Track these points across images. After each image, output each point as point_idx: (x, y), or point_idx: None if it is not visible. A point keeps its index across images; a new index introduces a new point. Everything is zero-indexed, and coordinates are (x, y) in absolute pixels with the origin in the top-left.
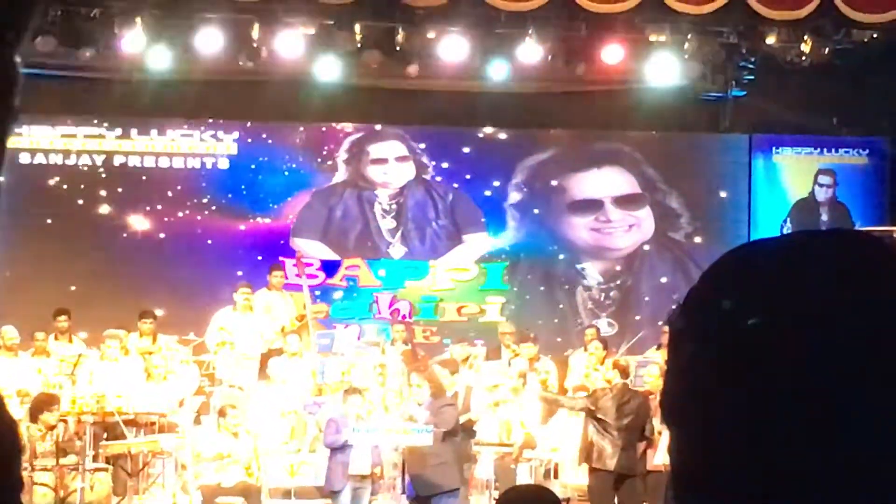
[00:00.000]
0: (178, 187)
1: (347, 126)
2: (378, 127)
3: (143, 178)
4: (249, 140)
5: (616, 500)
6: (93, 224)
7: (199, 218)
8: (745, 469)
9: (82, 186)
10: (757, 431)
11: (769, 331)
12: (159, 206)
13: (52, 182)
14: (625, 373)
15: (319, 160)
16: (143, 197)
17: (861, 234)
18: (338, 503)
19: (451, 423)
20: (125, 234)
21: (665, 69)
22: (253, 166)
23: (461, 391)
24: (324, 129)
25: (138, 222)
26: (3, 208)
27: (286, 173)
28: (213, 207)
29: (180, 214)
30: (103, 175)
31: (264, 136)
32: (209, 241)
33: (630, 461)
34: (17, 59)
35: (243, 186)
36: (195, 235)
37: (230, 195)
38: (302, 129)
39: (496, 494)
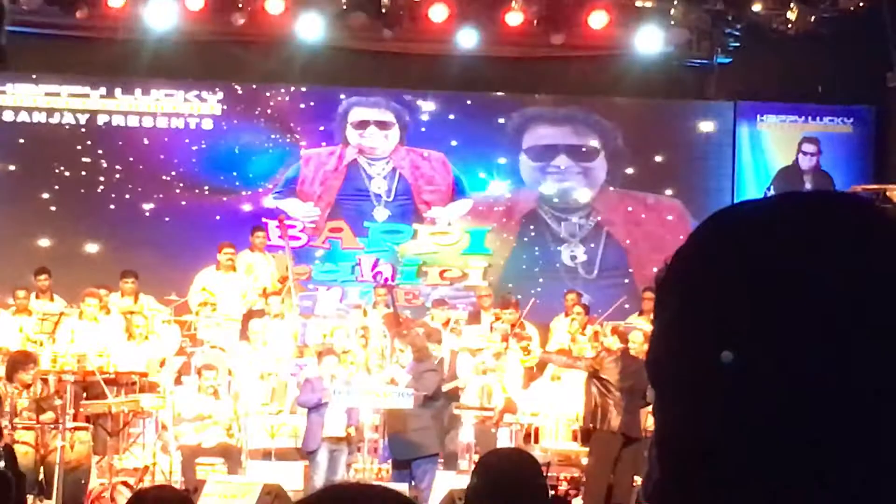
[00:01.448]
0: (162, 148)
1: (332, 89)
2: (363, 90)
3: (127, 137)
4: (234, 101)
5: (617, 465)
6: (75, 183)
7: (182, 179)
8: (730, 432)
9: (65, 145)
10: (740, 393)
11: (755, 294)
12: (143, 167)
13: (34, 140)
14: (623, 338)
15: (304, 122)
16: (126, 157)
17: (847, 195)
18: (315, 463)
19: (433, 388)
20: (108, 194)
21: (651, 36)
22: (237, 126)
23: (446, 357)
24: (308, 91)
25: (121, 182)
26: None
27: (270, 135)
28: (197, 168)
29: (164, 175)
30: (86, 134)
31: (249, 97)
32: (192, 202)
33: (633, 423)
34: None
35: (227, 147)
36: (178, 196)
37: (214, 156)
38: (286, 90)
39: (476, 458)
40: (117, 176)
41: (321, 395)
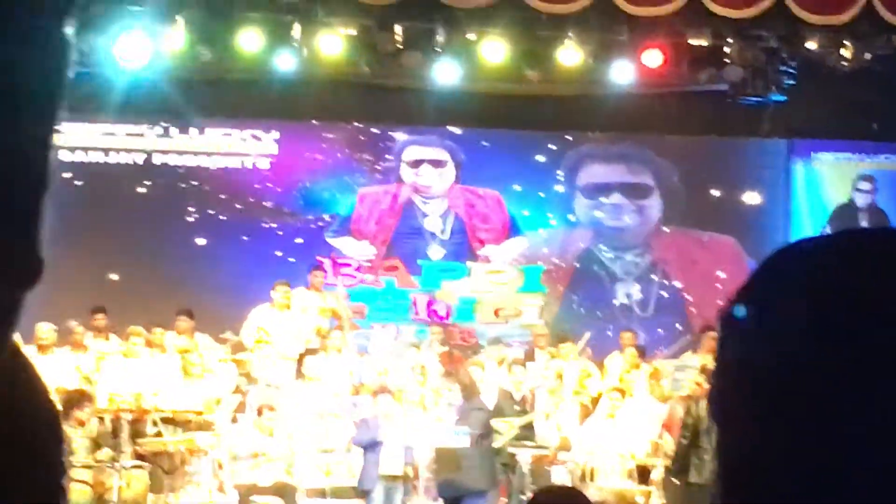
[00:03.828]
0: (218, 187)
1: (388, 127)
2: (418, 129)
3: (183, 177)
4: (289, 140)
5: None
6: (131, 223)
7: (238, 217)
8: (792, 472)
9: (121, 185)
10: (802, 432)
11: (820, 330)
12: (198, 206)
13: (91, 180)
14: None
15: (359, 161)
16: (181, 196)
17: None
18: (370, 502)
19: (480, 427)
20: (163, 233)
21: (705, 73)
22: (292, 165)
23: (494, 395)
24: (363, 129)
25: (177, 221)
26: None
27: (325, 174)
28: (253, 207)
29: (219, 214)
30: (142, 174)
31: (304, 135)
32: (248, 240)
33: None
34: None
35: (282, 186)
36: (234, 235)
37: (269, 195)
38: (341, 129)
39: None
40: (173, 215)
41: (376, 433)
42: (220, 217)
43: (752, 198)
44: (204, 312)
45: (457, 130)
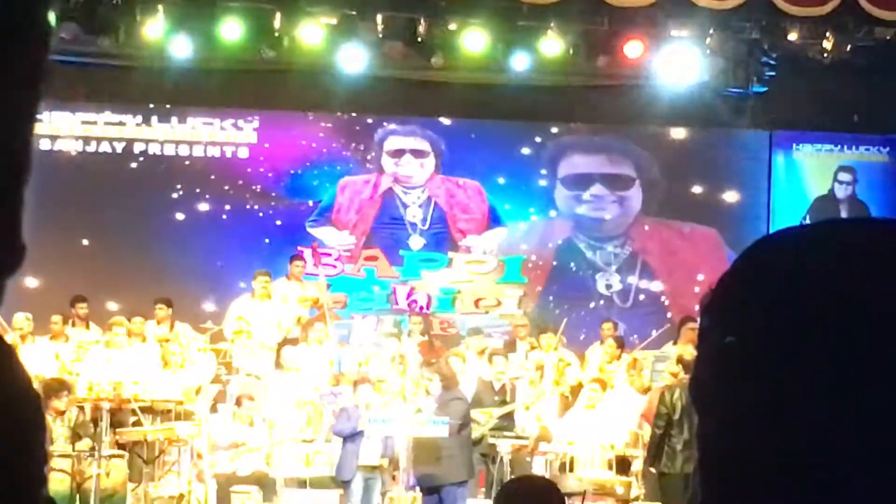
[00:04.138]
0: (198, 176)
1: (367, 117)
2: (398, 119)
3: (163, 166)
4: (269, 129)
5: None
6: (110, 212)
7: (217, 206)
8: (773, 460)
9: (102, 174)
10: (782, 422)
11: (801, 319)
12: (178, 195)
13: (71, 169)
14: (690, 367)
15: (338, 151)
16: (161, 185)
17: (891, 221)
18: (349, 492)
19: (459, 417)
20: (143, 222)
21: (686, 65)
22: (272, 155)
23: (472, 386)
24: (344, 119)
25: (156, 210)
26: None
27: (305, 163)
28: (232, 196)
29: (199, 203)
30: (122, 163)
31: (284, 125)
32: (227, 230)
33: None
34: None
35: (262, 176)
36: (213, 224)
37: (249, 184)
38: (322, 119)
39: None
40: (153, 204)
41: (356, 423)
42: (201, 206)
43: (732, 189)
44: (184, 301)
45: (438, 120)
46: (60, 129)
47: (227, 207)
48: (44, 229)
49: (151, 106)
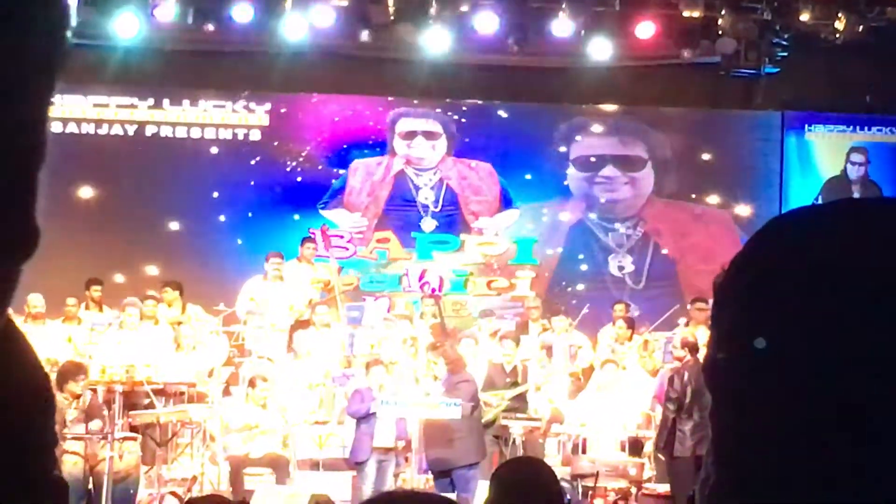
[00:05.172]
0: (210, 158)
1: (380, 99)
2: (413, 101)
3: (176, 148)
4: (282, 111)
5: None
6: (123, 194)
7: (230, 189)
8: (789, 441)
9: (114, 156)
10: (798, 403)
11: (817, 300)
12: (191, 177)
13: (83, 151)
14: (695, 349)
15: (350, 133)
16: (174, 167)
17: None
18: (363, 474)
19: (469, 399)
20: (156, 205)
21: (698, 46)
22: (285, 137)
23: (483, 368)
24: (355, 101)
25: (169, 193)
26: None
27: (318, 146)
28: (245, 178)
29: (211, 185)
30: (135, 145)
31: (297, 107)
32: (240, 213)
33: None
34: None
35: (274, 158)
36: (225, 207)
37: (262, 166)
38: (334, 101)
39: None
40: (165, 186)
41: (369, 405)
42: (213, 189)
43: (744, 170)
44: (196, 284)
45: (449, 102)
46: (73, 112)
47: (239, 191)
48: (54, 212)
49: (163, 89)
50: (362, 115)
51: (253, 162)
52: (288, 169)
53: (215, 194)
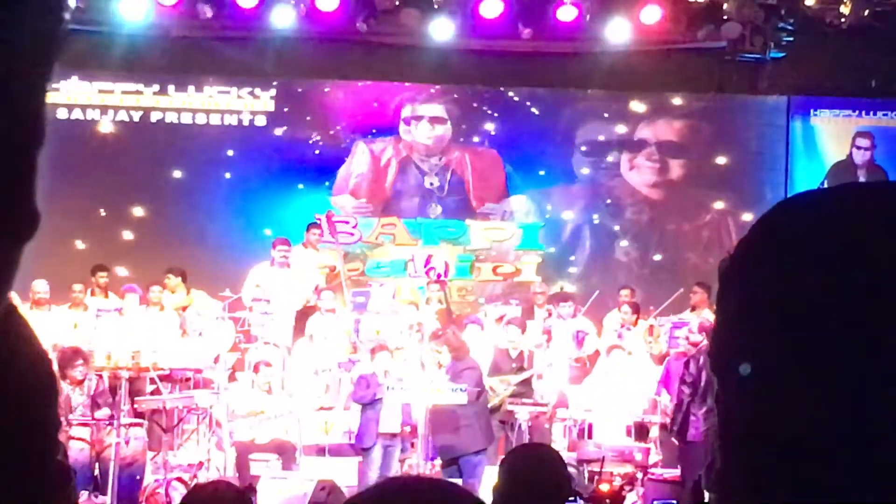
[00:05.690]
0: (215, 144)
1: (385, 84)
2: (418, 86)
3: (180, 134)
4: (287, 97)
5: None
6: (129, 181)
7: (236, 175)
8: (794, 426)
9: (119, 142)
10: (804, 387)
11: (822, 284)
12: (196, 163)
13: (88, 137)
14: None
15: (357, 118)
16: (179, 153)
17: None
18: (369, 459)
19: (474, 385)
20: (161, 191)
21: (703, 30)
22: (290, 123)
23: (488, 353)
24: (361, 86)
25: (175, 179)
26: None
27: (323, 131)
28: (251, 164)
29: (217, 171)
30: (140, 131)
31: (302, 93)
32: (246, 199)
33: None
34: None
35: (280, 143)
36: (232, 192)
37: (267, 152)
38: (339, 86)
39: None
40: (170, 172)
41: (375, 391)
42: (218, 175)
43: (749, 155)
44: (202, 270)
45: (455, 88)
46: (78, 98)
47: (245, 177)
48: (60, 199)
49: (168, 75)
50: (367, 100)
51: (258, 148)
52: (293, 155)
53: (221, 180)
